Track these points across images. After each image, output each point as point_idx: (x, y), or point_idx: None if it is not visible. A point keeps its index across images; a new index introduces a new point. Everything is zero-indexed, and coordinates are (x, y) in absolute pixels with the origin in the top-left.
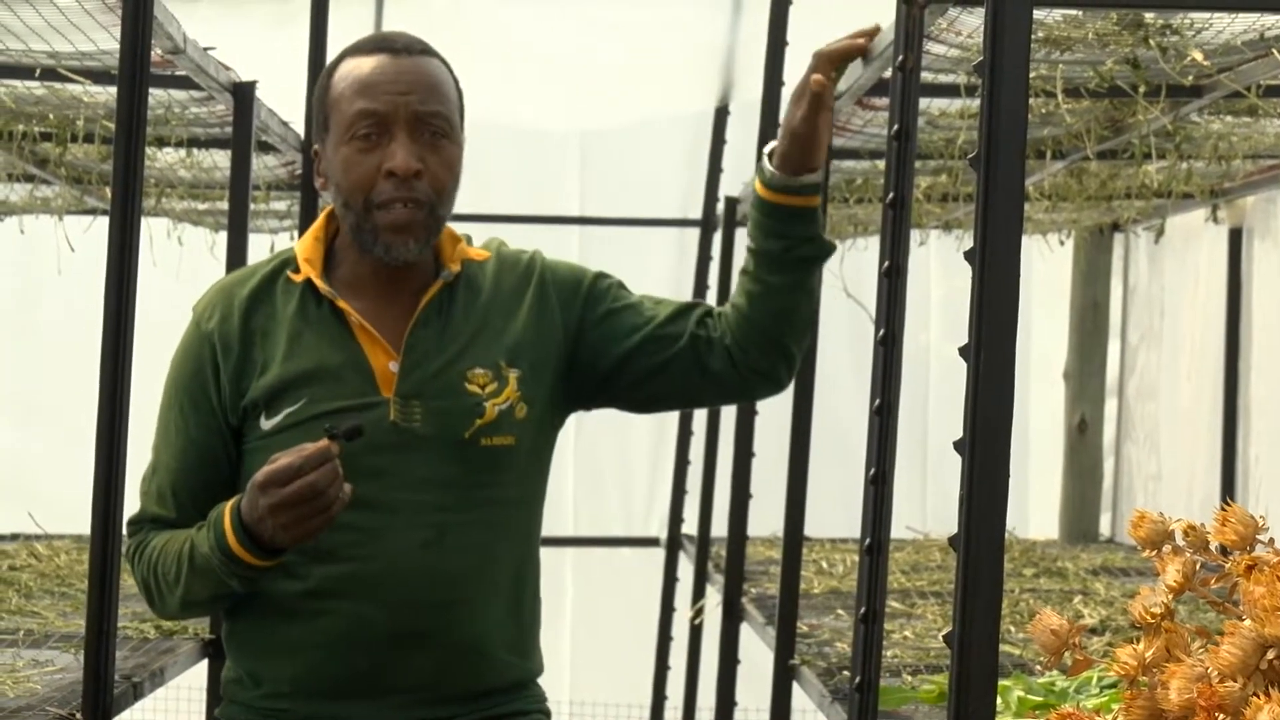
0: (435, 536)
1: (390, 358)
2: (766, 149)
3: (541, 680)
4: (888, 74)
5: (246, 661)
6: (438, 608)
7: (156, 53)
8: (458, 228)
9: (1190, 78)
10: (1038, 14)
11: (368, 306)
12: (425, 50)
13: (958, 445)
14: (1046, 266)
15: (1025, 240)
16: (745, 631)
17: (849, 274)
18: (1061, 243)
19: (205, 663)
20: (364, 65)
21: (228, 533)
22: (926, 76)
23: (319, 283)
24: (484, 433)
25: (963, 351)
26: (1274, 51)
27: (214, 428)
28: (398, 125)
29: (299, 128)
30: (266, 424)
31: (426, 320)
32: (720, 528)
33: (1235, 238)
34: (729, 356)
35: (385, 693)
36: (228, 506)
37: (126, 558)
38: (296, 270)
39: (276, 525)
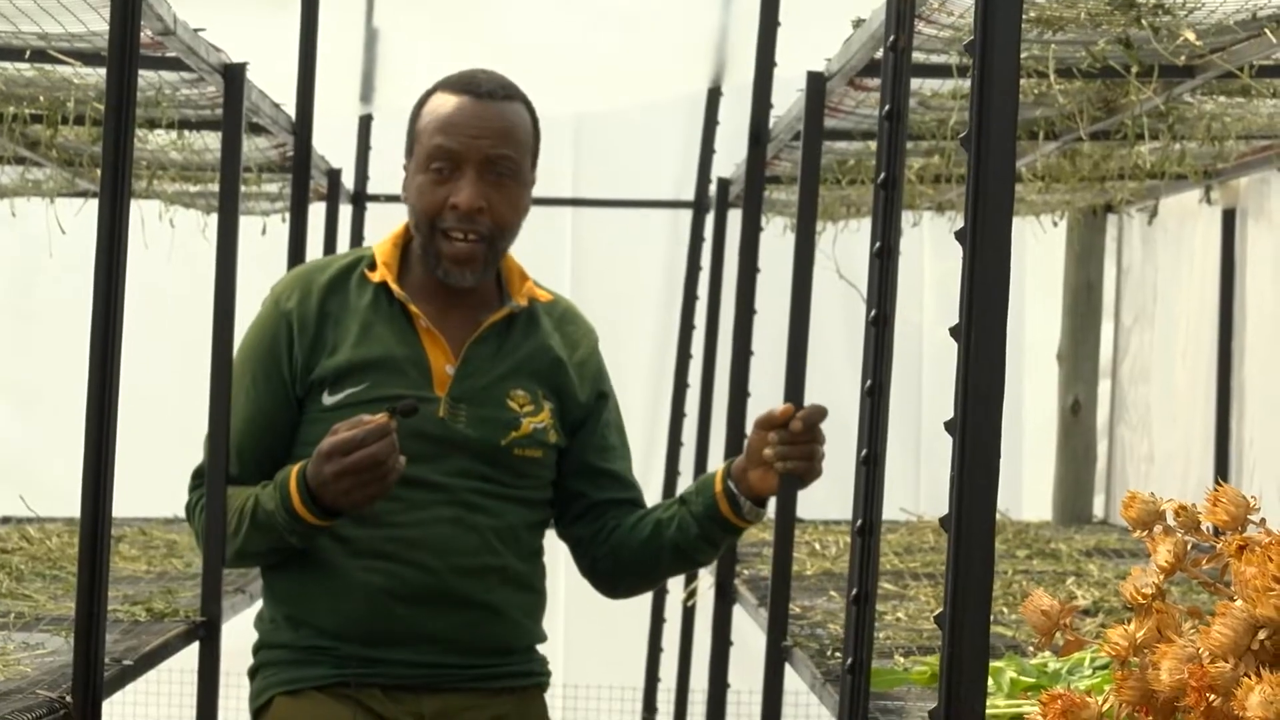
0: (467, 513)
1: (448, 361)
2: (730, 468)
3: None
4: (879, 54)
5: (286, 607)
6: (466, 574)
7: (147, 34)
8: None
9: (1183, 58)
10: None
11: (433, 311)
12: (508, 95)
13: (949, 426)
14: (1040, 248)
15: (1018, 222)
16: (738, 613)
17: (841, 255)
18: (1055, 224)
19: (196, 645)
20: (448, 104)
21: (293, 494)
22: (918, 57)
23: (395, 288)
24: (517, 444)
25: (953, 332)
26: (1266, 31)
27: (282, 397)
28: (468, 164)
29: (290, 109)
30: (329, 400)
31: (486, 338)
32: None
33: (1229, 219)
34: (589, 544)
35: (419, 640)
36: (294, 470)
37: (186, 507)
38: (372, 268)
39: (338, 491)
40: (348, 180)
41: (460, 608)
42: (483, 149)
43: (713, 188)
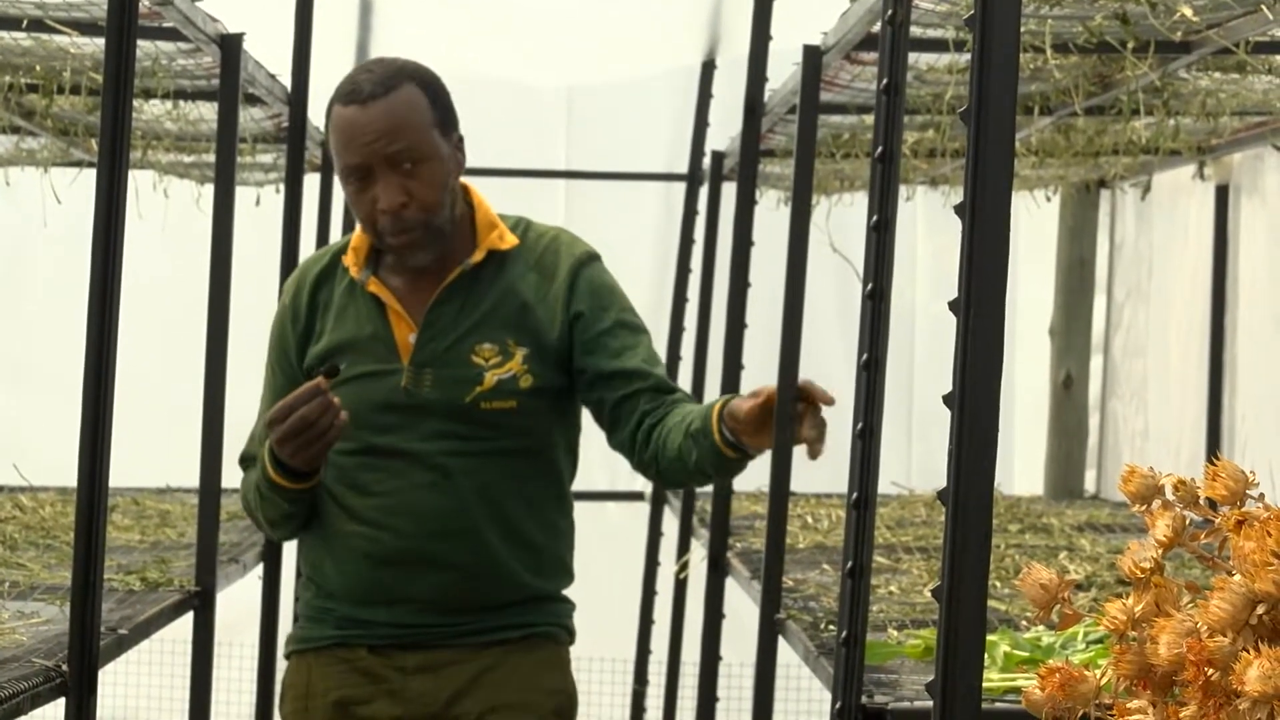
0: (440, 478)
1: (411, 331)
2: (726, 407)
3: None
4: (876, 28)
5: (306, 568)
6: (442, 536)
7: (144, 4)
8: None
9: (1179, 33)
10: None
11: (401, 284)
12: (389, 87)
13: (947, 399)
14: (1033, 223)
15: (1012, 196)
16: (730, 586)
17: (835, 229)
18: (1048, 199)
19: (191, 615)
20: (340, 119)
21: (267, 465)
22: (914, 31)
23: (355, 275)
24: (483, 398)
25: (953, 305)
26: (1263, 7)
27: (296, 383)
28: (376, 168)
29: (286, 80)
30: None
31: (448, 298)
32: None
33: (1222, 195)
34: (633, 448)
35: (401, 601)
36: (266, 444)
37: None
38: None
39: (286, 454)
40: None
41: (438, 570)
42: (381, 150)
43: (707, 161)
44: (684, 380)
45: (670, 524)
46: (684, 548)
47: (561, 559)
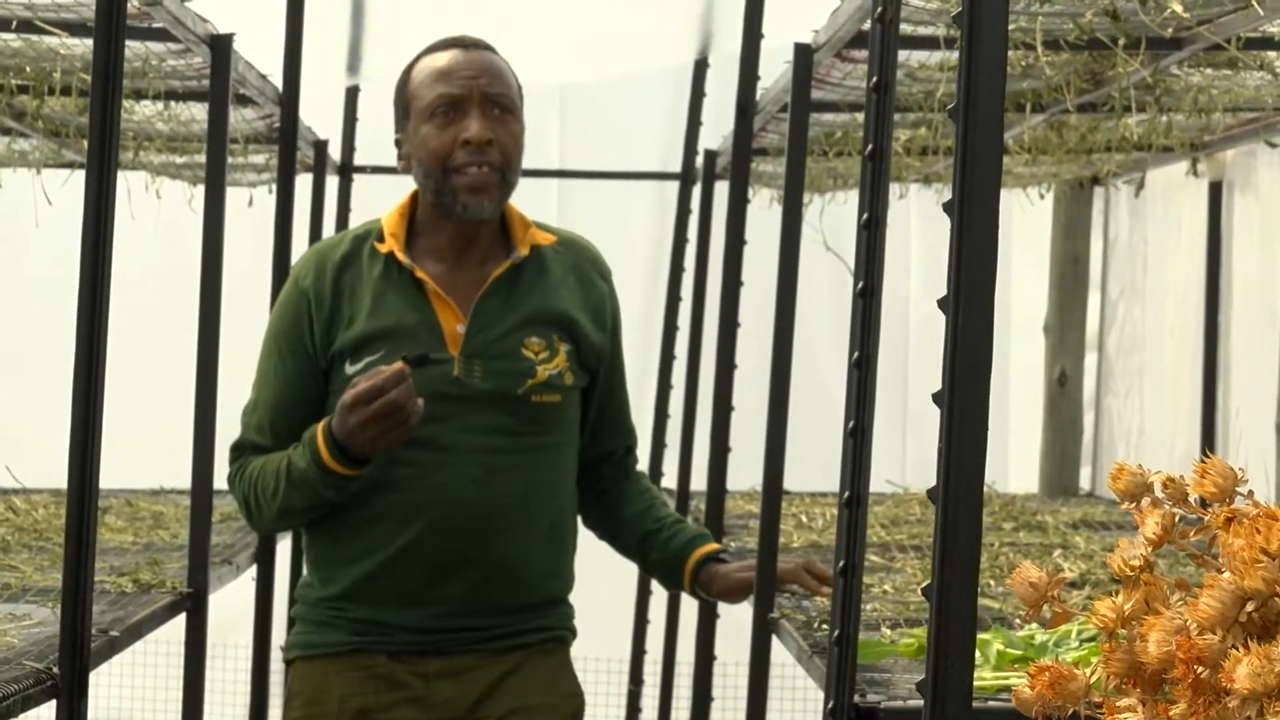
0: (484, 475)
1: (459, 320)
2: (704, 559)
3: None
4: (867, 26)
5: (317, 569)
6: (481, 535)
7: (133, 4)
8: None
9: (1170, 30)
10: None
11: (442, 273)
12: (490, 47)
13: (936, 397)
14: (1026, 220)
15: (1005, 194)
16: None
17: (827, 227)
18: (1041, 196)
19: (183, 616)
20: (440, 59)
21: (321, 449)
22: (905, 28)
23: (401, 257)
24: (534, 391)
25: (942, 304)
26: (1254, 3)
27: (308, 371)
28: (471, 103)
29: (277, 80)
30: (351, 369)
31: (495, 291)
32: (700, 481)
33: (1215, 191)
34: (588, 499)
35: (428, 604)
36: (319, 427)
37: (228, 479)
38: (381, 240)
39: (365, 439)
40: (334, 151)
41: (473, 569)
42: (481, 87)
43: (699, 159)
44: (677, 379)
45: None
46: None
47: (571, 562)
